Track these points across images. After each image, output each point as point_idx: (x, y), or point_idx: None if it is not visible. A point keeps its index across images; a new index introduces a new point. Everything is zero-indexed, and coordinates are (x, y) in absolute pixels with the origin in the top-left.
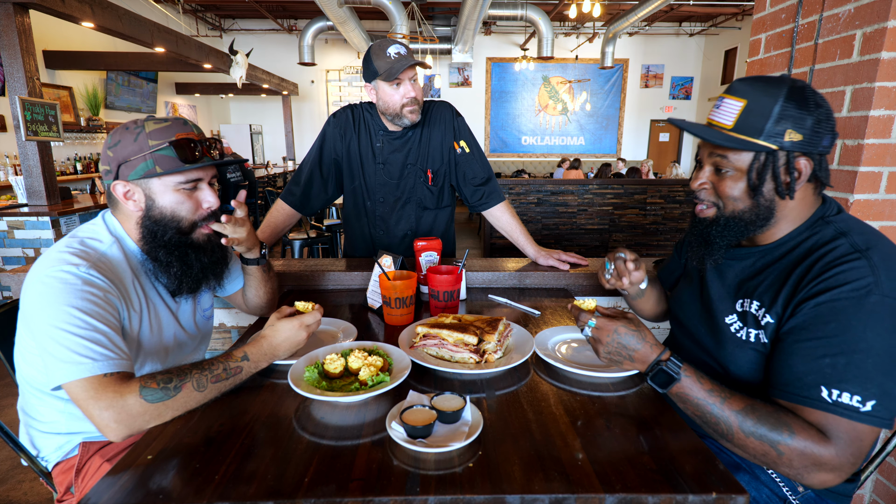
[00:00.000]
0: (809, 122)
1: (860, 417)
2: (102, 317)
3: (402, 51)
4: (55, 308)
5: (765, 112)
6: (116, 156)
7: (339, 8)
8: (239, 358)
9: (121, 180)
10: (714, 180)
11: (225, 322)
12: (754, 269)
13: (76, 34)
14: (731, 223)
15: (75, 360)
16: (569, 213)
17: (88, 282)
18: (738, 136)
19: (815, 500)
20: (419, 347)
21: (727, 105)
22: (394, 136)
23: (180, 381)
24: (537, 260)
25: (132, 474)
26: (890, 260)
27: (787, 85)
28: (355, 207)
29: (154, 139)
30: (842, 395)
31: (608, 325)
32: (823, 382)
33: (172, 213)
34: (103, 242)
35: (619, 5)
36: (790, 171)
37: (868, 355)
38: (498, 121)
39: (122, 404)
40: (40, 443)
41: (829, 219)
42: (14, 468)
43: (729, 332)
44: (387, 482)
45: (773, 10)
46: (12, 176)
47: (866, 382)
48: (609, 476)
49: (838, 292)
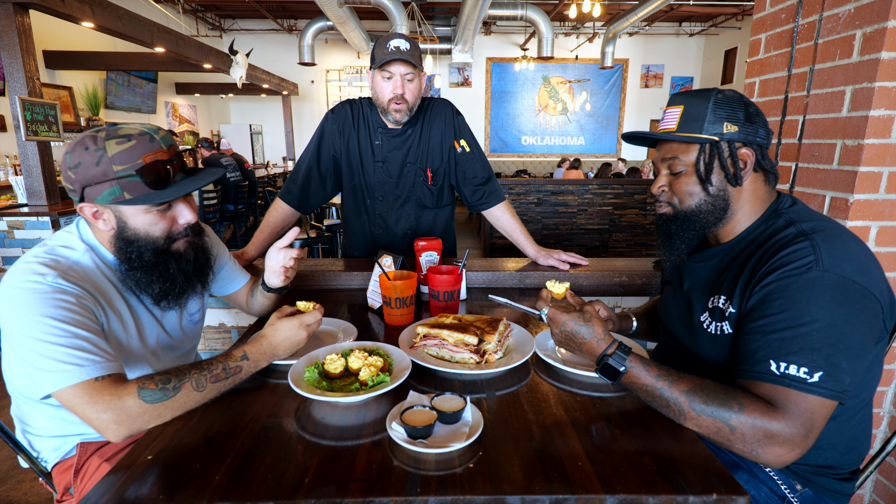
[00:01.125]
0: (741, 114)
1: (808, 388)
2: (79, 322)
3: (404, 46)
4: (29, 319)
5: (700, 110)
6: (79, 178)
7: (339, 8)
8: (238, 357)
9: (87, 202)
10: (670, 181)
11: (225, 322)
12: (721, 267)
13: (76, 34)
14: (689, 218)
15: (61, 368)
16: (569, 213)
17: (58, 289)
18: (681, 134)
19: (814, 498)
20: (419, 348)
21: (668, 114)
22: (393, 133)
23: (179, 382)
24: (537, 260)
25: (132, 474)
26: (832, 239)
27: (715, 90)
28: (355, 205)
29: (118, 164)
30: (789, 367)
31: (557, 317)
32: (772, 356)
33: (146, 234)
34: (76, 250)
35: (619, 5)
36: (735, 160)
37: (812, 328)
38: (498, 121)
39: (120, 406)
40: (38, 445)
41: (782, 211)
42: (14, 468)
43: (702, 328)
44: (387, 483)
45: (773, 10)
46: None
47: (813, 354)
48: (609, 477)
49: (782, 272)
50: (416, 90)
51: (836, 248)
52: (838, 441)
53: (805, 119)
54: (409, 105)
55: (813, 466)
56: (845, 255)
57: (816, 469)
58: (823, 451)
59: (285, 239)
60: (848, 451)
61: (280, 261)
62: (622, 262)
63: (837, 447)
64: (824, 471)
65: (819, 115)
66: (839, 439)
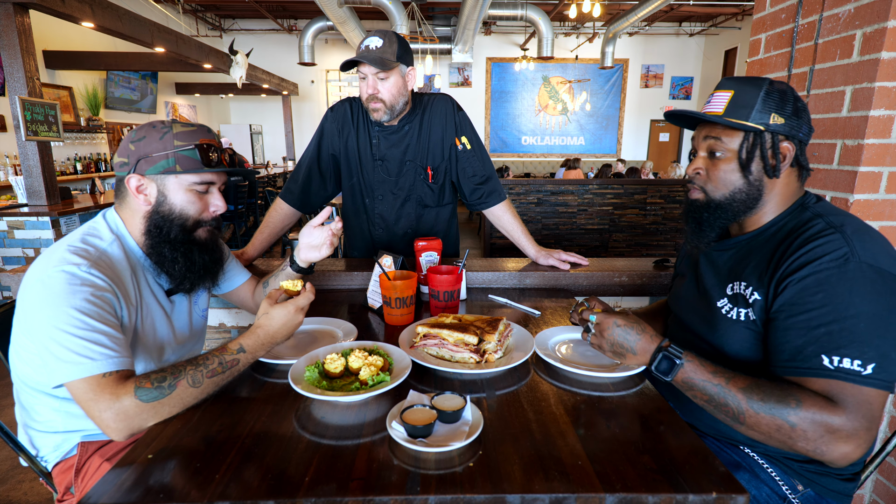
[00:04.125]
0: (789, 108)
1: (864, 381)
2: (102, 317)
3: (374, 44)
4: (56, 309)
5: (751, 98)
6: (138, 150)
7: (339, 8)
8: (234, 350)
9: (136, 174)
10: (707, 165)
11: (225, 322)
12: (742, 255)
13: (76, 34)
14: (722, 206)
15: (75, 360)
16: (569, 213)
17: (89, 282)
18: (728, 118)
19: (816, 498)
20: (419, 347)
21: (717, 97)
22: (389, 130)
23: (174, 379)
24: (537, 260)
25: (132, 474)
26: (862, 233)
27: (768, 80)
28: (354, 205)
29: (180, 140)
30: (843, 361)
31: (607, 319)
32: (823, 351)
33: (181, 211)
34: (104, 240)
35: (619, 5)
36: (776, 152)
37: (859, 319)
38: (498, 121)
39: (118, 406)
40: (38, 442)
41: (808, 205)
42: (14, 468)
43: (721, 314)
44: (387, 482)
45: (773, 10)
46: (12, 176)
47: (863, 346)
48: (609, 476)
49: (818, 264)
50: (392, 88)
51: (867, 241)
52: None
53: None
54: (386, 105)
55: (817, 466)
56: (877, 248)
57: (820, 469)
58: None
59: (319, 217)
60: None
61: (321, 236)
62: (622, 262)
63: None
64: (827, 471)
65: (819, 115)
66: None
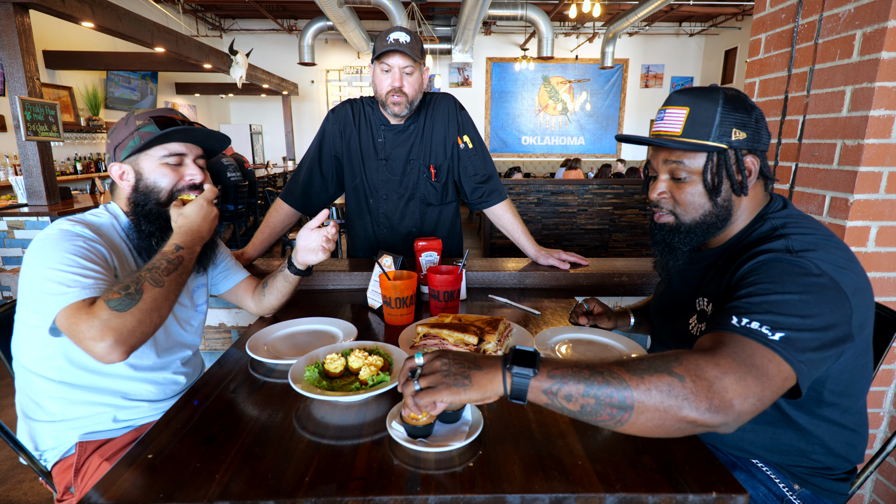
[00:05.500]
0: (750, 119)
1: (767, 343)
2: (91, 258)
3: (404, 38)
4: (50, 253)
5: (709, 115)
6: (113, 141)
7: (339, 8)
8: (172, 250)
9: (116, 162)
10: (672, 188)
11: (225, 322)
12: (707, 269)
13: (76, 34)
14: (693, 229)
15: (63, 290)
16: (569, 213)
17: (82, 236)
18: (689, 140)
19: (812, 498)
20: (419, 347)
21: (671, 115)
22: (396, 129)
23: (137, 285)
24: (537, 260)
25: (132, 473)
26: (808, 243)
27: (721, 91)
28: (357, 205)
29: (140, 119)
30: (751, 323)
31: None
32: (734, 313)
33: (155, 184)
34: (101, 217)
35: (619, 5)
36: (741, 169)
37: (784, 297)
38: (498, 121)
39: (96, 322)
40: (38, 436)
41: (769, 216)
42: (14, 468)
43: (689, 332)
44: (387, 482)
45: (773, 10)
46: (12, 176)
47: (778, 317)
48: (609, 476)
49: (758, 258)
50: (415, 84)
51: (810, 247)
52: (832, 442)
53: (805, 119)
54: (408, 99)
55: (809, 468)
56: (821, 254)
57: (812, 470)
58: (818, 453)
59: (317, 220)
60: (843, 452)
61: (318, 239)
62: (622, 262)
63: (832, 448)
64: (820, 471)
65: (819, 115)
66: (833, 441)
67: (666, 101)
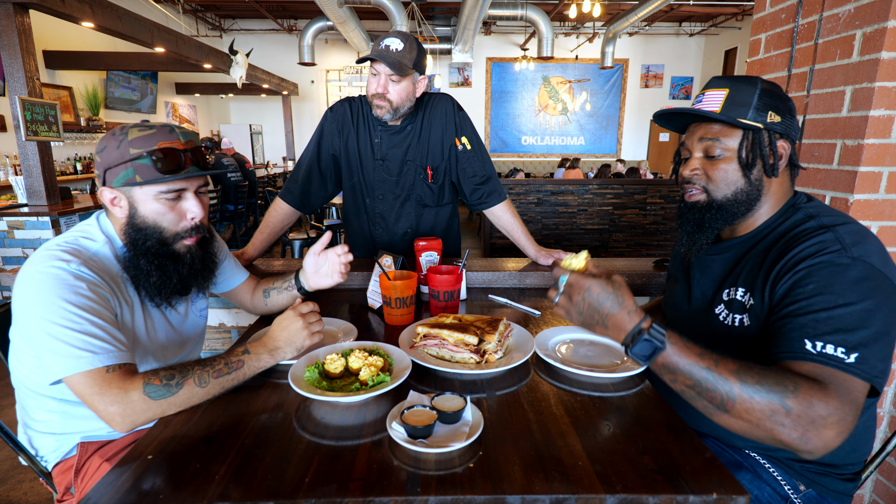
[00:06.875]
0: (784, 107)
1: (847, 369)
2: (96, 311)
3: (395, 46)
4: (47, 303)
5: (747, 96)
6: (102, 161)
7: (339, 8)
8: (240, 353)
9: (107, 186)
10: (705, 166)
11: (225, 322)
12: (736, 259)
13: (76, 34)
14: (724, 206)
15: (74, 353)
16: (569, 213)
17: (79, 277)
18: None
19: (817, 499)
20: (419, 347)
21: (710, 95)
22: (392, 130)
23: (182, 378)
24: (538, 260)
25: (132, 474)
26: (854, 233)
27: (759, 79)
28: (354, 205)
29: (135, 147)
30: (826, 347)
31: (580, 282)
32: (806, 336)
33: (154, 223)
34: (96, 241)
35: (619, 5)
36: (773, 151)
37: (846, 310)
38: (498, 121)
39: (126, 400)
40: (38, 443)
41: (800, 206)
42: (14, 468)
43: (717, 321)
44: (387, 482)
45: (773, 10)
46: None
47: (847, 335)
48: (609, 476)
49: (812, 260)
50: (402, 92)
51: (859, 240)
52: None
53: (805, 119)
54: (391, 105)
55: (818, 466)
56: (870, 247)
57: (821, 469)
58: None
59: (320, 244)
60: (853, 450)
61: (335, 266)
62: (622, 262)
63: (843, 447)
64: (829, 471)
65: (819, 115)
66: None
67: (705, 85)
